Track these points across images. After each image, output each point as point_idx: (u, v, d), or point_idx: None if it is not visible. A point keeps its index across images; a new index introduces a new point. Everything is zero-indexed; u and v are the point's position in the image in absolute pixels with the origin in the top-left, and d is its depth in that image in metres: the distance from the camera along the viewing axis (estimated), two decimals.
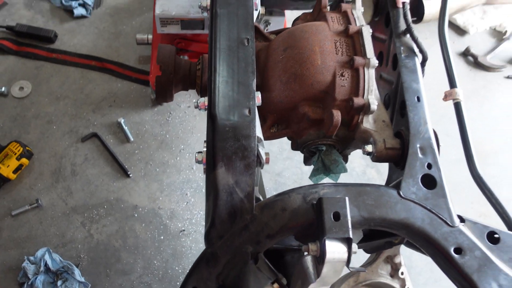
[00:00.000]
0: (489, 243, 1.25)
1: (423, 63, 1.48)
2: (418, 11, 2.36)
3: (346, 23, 1.49)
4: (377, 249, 1.47)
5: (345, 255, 1.11)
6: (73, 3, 2.48)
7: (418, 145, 1.30)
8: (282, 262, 1.40)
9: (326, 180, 1.50)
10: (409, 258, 2.00)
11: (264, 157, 1.45)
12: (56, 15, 2.51)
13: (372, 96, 1.36)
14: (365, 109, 1.36)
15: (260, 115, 1.49)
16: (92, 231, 1.95)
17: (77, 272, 1.81)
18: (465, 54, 2.51)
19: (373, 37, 1.70)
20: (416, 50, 1.45)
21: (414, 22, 2.36)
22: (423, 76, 1.49)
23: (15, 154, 1.97)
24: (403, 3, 1.49)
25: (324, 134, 1.44)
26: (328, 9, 1.60)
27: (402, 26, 1.49)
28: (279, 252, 1.40)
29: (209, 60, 1.36)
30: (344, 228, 1.11)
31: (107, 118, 2.20)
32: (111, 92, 2.28)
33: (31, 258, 1.83)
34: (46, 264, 1.80)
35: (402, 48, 1.45)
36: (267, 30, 1.85)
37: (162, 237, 1.93)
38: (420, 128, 1.33)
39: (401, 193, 1.22)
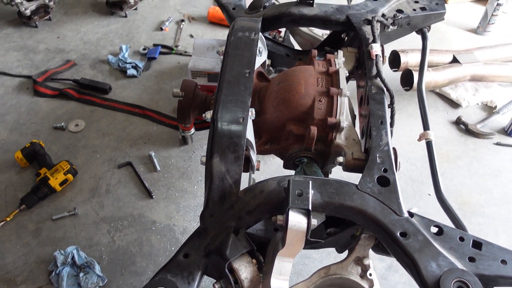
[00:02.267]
0: (433, 234, 1.49)
1: (391, 102, 1.84)
2: (396, 62, 2.78)
3: (328, 66, 1.91)
4: (346, 247, 1.71)
5: (305, 225, 1.39)
6: (127, 66, 3.10)
7: (377, 155, 1.62)
8: (264, 249, 1.64)
9: None
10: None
11: (255, 162, 1.80)
12: (112, 74, 3.12)
13: (343, 117, 1.73)
14: (337, 126, 1.72)
15: (256, 134, 1.88)
16: (115, 238, 2.27)
17: (97, 267, 2.11)
18: (457, 122, 2.83)
19: (357, 86, 2.10)
20: (385, 89, 1.83)
21: (406, 90, 2.77)
22: (393, 112, 1.84)
23: (63, 169, 2.41)
24: (376, 55, 1.89)
25: (306, 148, 1.79)
26: (317, 59, 2.05)
27: (374, 71, 1.88)
28: (263, 243, 1.65)
29: (218, 84, 1.79)
30: (305, 201, 1.41)
31: (141, 152, 2.64)
32: (147, 132, 2.75)
33: (62, 251, 2.16)
34: (73, 258, 2.12)
35: (372, 86, 1.83)
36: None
37: (173, 248, 2.22)
38: (380, 142, 1.66)
39: (358, 187, 1.52)
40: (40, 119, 2.82)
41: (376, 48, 1.92)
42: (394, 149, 1.68)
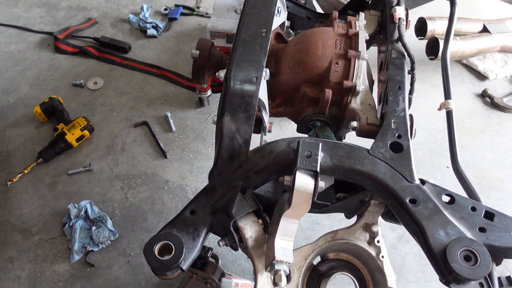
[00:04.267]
0: (445, 202, 1.45)
1: (412, 68, 1.77)
2: (423, 30, 2.66)
3: (348, 28, 1.84)
4: (355, 212, 1.68)
5: (311, 186, 1.37)
6: (148, 25, 3.08)
7: (392, 120, 1.57)
8: (272, 210, 1.62)
9: None
10: (403, 257, 2.14)
11: (267, 123, 1.77)
12: (133, 33, 3.11)
13: (360, 81, 1.67)
14: (353, 90, 1.67)
15: (270, 96, 1.84)
16: (128, 195, 2.31)
17: (109, 222, 2.16)
18: (483, 95, 2.72)
19: (378, 51, 2.03)
20: (405, 54, 1.75)
21: (431, 59, 2.67)
22: (413, 79, 1.77)
23: (80, 126, 2.44)
24: (399, 18, 1.81)
25: (320, 111, 1.75)
26: (337, 21, 1.97)
27: (396, 35, 1.80)
28: (271, 205, 1.63)
29: (233, 43, 1.75)
30: (314, 163, 1.38)
31: (158, 112, 2.64)
32: (165, 93, 2.74)
33: (76, 205, 2.21)
34: (86, 212, 2.17)
35: (392, 51, 1.75)
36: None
37: None
38: (397, 108, 1.61)
39: (370, 152, 1.48)
40: (60, 75, 2.84)
41: (399, 11, 1.83)
42: (410, 115, 1.62)
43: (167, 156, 2.45)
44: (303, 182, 1.37)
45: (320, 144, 1.42)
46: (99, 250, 2.12)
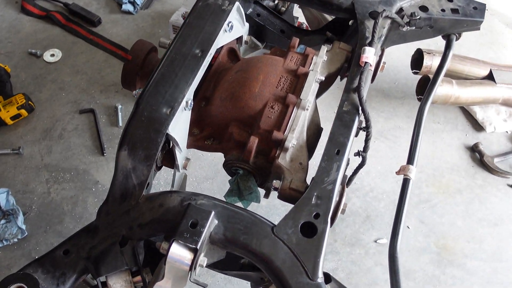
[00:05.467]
0: None
1: (367, 125, 1.47)
2: (419, 63, 2.34)
3: (300, 64, 1.55)
4: (258, 286, 1.46)
5: (187, 263, 1.14)
6: None
7: (315, 193, 1.31)
8: None
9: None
10: None
11: (181, 161, 1.53)
12: (108, 5, 2.83)
13: (293, 135, 1.40)
14: (282, 144, 1.39)
15: (198, 125, 1.59)
16: (52, 190, 2.12)
17: (20, 218, 1.98)
18: (473, 149, 2.40)
19: None
20: (360, 109, 1.46)
21: (419, 99, 2.34)
22: (369, 137, 1.48)
23: (17, 103, 2.23)
24: (365, 63, 1.51)
25: (243, 158, 1.49)
26: (297, 50, 1.68)
27: (355, 84, 1.50)
28: None
29: (161, 59, 1.49)
30: (196, 237, 1.16)
31: (109, 101, 2.41)
32: None
33: None
34: None
35: (345, 102, 1.46)
36: None
37: None
38: (326, 178, 1.34)
39: (274, 230, 1.23)
40: (18, 39, 2.61)
41: (368, 53, 1.52)
42: (342, 188, 1.35)
43: (105, 154, 2.23)
44: (179, 255, 1.17)
45: (212, 213, 1.20)
46: (2, 247, 1.95)
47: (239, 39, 1.78)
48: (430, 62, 2.26)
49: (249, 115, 1.47)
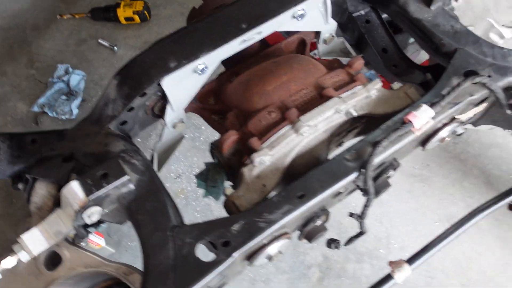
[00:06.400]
0: None
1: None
2: None
3: (337, 87, 1.28)
4: None
5: (76, 205, 1.07)
6: None
7: (243, 222, 1.11)
8: None
9: None
10: None
11: (171, 119, 1.42)
12: None
13: (270, 152, 1.18)
14: (251, 155, 1.20)
15: (216, 97, 1.47)
16: None
17: (77, 102, 2.16)
18: None
19: None
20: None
21: None
22: (367, 207, 1.20)
23: (134, 8, 2.38)
24: (409, 121, 1.18)
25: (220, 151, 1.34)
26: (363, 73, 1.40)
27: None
28: None
29: (207, 15, 1.38)
30: (94, 188, 1.10)
31: None
32: None
33: (70, 69, 2.26)
34: (69, 81, 2.20)
35: (354, 150, 1.18)
36: None
37: None
38: (265, 213, 1.12)
39: (175, 230, 1.09)
40: None
41: (420, 114, 1.17)
42: (281, 236, 1.13)
43: None
44: (71, 193, 1.11)
45: (126, 178, 1.12)
46: (52, 118, 2.18)
47: (318, 34, 1.57)
48: None
49: (248, 109, 1.30)
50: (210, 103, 1.46)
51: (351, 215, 1.31)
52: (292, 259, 1.87)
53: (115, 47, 2.39)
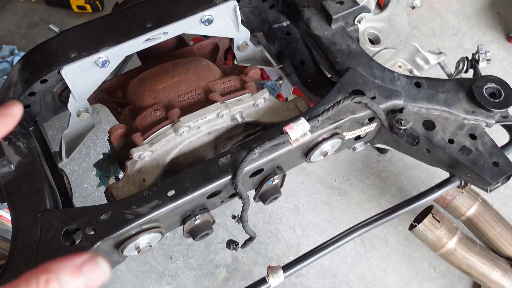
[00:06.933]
0: None
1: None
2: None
3: (226, 92, 1.33)
4: None
5: None
6: None
7: (110, 211, 1.15)
8: None
9: None
10: None
11: (75, 107, 1.47)
12: None
13: (150, 148, 1.23)
14: (131, 149, 1.25)
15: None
16: None
17: None
18: None
19: None
20: None
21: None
22: (244, 210, 1.25)
23: None
24: (286, 133, 1.22)
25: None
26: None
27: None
28: None
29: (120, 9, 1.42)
30: None
31: None
32: None
33: (16, 50, 2.30)
34: (13, 61, 2.24)
35: (228, 155, 1.22)
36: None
37: None
38: (134, 206, 1.17)
39: (44, 212, 1.14)
40: None
41: (297, 127, 1.22)
42: (144, 231, 1.17)
43: None
44: None
45: None
46: None
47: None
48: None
49: (139, 105, 1.35)
50: (118, 96, 1.51)
51: (234, 217, 1.36)
52: (202, 257, 1.91)
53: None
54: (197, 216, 1.25)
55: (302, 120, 1.23)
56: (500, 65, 2.49)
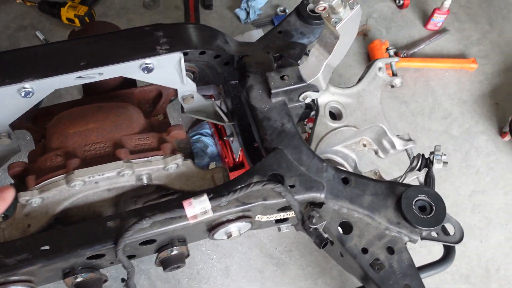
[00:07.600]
0: None
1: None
2: None
3: (140, 150, 1.25)
4: None
5: None
6: None
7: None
8: None
9: None
10: None
11: None
12: None
13: (36, 195, 1.15)
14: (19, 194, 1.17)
15: None
16: None
17: None
18: None
19: None
20: None
21: None
22: None
23: (77, 12, 2.41)
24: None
25: None
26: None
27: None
28: None
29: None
30: None
31: None
32: None
33: None
34: None
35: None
36: None
37: None
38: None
39: None
40: None
41: (196, 203, 1.15)
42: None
43: None
44: None
45: None
46: None
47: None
48: None
49: (48, 144, 1.29)
50: (46, 127, 1.45)
51: (123, 280, 1.27)
52: None
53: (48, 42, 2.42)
54: (78, 275, 1.16)
55: (204, 197, 1.14)
56: (485, 160, 2.35)
